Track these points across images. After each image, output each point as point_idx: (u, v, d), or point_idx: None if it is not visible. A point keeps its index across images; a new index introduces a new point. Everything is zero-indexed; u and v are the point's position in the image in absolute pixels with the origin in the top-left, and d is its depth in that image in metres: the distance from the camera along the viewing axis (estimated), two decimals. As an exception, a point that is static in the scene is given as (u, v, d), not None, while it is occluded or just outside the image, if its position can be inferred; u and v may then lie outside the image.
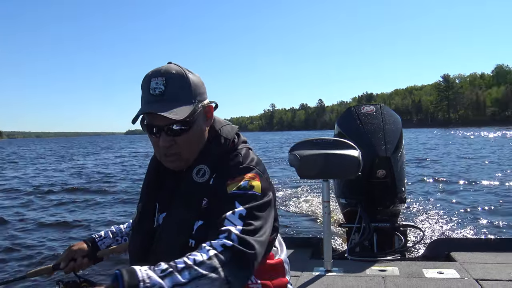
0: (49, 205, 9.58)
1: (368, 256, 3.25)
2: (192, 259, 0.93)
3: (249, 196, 1.11)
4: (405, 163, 3.70)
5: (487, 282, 2.57)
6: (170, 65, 1.18)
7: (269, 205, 1.15)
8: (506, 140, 33.23)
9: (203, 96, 1.21)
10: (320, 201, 3.36)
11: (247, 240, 1.00)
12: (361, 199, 3.47)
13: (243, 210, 1.06)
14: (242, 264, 0.97)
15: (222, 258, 0.94)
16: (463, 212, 7.24)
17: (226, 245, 0.96)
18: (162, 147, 1.17)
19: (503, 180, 10.92)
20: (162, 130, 1.16)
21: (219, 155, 1.22)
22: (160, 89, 1.13)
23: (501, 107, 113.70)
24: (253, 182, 1.14)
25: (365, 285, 2.62)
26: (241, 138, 1.30)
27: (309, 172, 2.91)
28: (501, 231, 6.00)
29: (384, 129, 3.44)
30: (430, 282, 2.60)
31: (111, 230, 1.54)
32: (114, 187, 12.09)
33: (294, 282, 2.69)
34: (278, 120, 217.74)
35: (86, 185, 12.88)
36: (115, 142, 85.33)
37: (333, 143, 2.94)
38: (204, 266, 0.91)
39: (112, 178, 14.53)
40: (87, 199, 10.09)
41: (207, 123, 1.24)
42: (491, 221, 6.57)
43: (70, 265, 1.41)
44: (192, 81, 1.17)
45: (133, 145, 53.74)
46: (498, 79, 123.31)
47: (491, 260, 2.98)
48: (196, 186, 1.18)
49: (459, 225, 6.28)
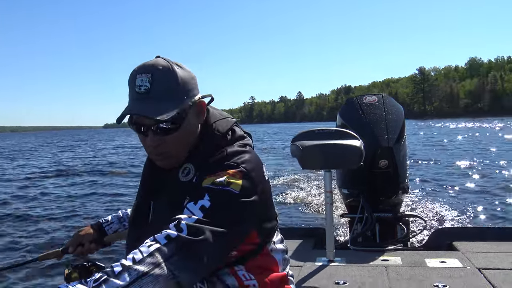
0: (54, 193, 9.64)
1: (370, 246, 3.26)
2: (131, 258, 0.86)
3: (222, 191, 1.01)
4: (407, 153, 3.70)
5: (490, 271, 2.57)
6: (157, 59, 1.11)
7: (246, 207, 1.04)
8: (494, 131, 33.33)
9: (193, 92, 1.14)
10: (323, 191, 3.36)
11: (197, 227, 0.91)
12: (364, 189, 3.47)
13: (208, 202, 0.98)
14: (190, 254, 0.89)
15: (165, 250, 0.87)
16: (466, 201, 7.24)
17: (171, 236, 0.89)
18: (150, 146, 1.13)
19: (507, 169, 10.90)
20: (150, 129, 1.11)
21: (207, 152, 1.15)
22: (146, 87, 1.07)
23: (473, 99, 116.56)
24: (232, 179, 1.04)
25: (368, 274, 2.63)
26: (236, 133, 1.22)
27: (311, 163, 2.90)
28: (504, 221, 6.01)
29: (386, 119, 3.43)
30: (432, 271, 2.61)
31: (118, 215, 1.54)
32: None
33: (296, 273, 2.71)
34: (257, 112, 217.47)
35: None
36: (105, 135, 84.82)
37: (335, 134, 2.93)
38: (144, 264, 0.84)
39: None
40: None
41: (199, 120, 1.18)
42: (494, 210, 6.57)
43: (78, 250, 1.44)
44: (180, 77, 1.10)
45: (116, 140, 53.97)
46: (471, 71, 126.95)
47: (493, 249, 2.98)
48: (180, 185, 1.14)
49: (461, 215, 6.29)
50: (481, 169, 11.18)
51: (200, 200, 0.99)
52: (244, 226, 1.07)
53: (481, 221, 5.90)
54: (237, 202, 1.02)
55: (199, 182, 1.08)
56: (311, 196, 7.99)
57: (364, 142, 2.81)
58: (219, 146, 1.16)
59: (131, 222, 1.29)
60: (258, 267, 1.20)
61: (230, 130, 1.22)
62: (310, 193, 8.28)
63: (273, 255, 1.26)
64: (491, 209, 6.62)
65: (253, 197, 1.07)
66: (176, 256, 0.88)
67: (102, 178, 12.42)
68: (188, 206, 0.99)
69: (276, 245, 1.27)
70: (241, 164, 1.10)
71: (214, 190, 1.02)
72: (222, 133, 1.19)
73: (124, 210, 1.55)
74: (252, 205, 1.07)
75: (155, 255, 0.86)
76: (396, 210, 3.63)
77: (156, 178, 1.25)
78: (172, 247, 0.89)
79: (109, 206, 8.19)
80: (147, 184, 1.28)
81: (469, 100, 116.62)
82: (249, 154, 1.15)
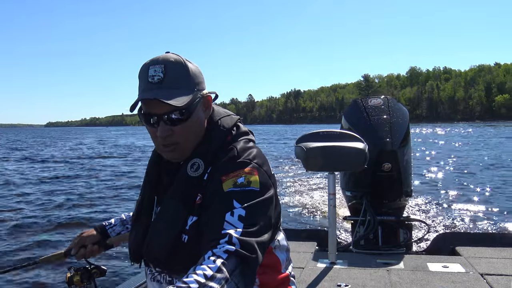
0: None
1: (372, 249, 3.26)
2: (202, 275, 0.89)
3: (247, 192, 1.05)
4: (412, 157, 3.69)
5: (492, 276, 2.56)
6: (168, 54, 1.15)
7: (269, 201, 1.09)
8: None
9: (202, 85, 1.18)
10: (326, 193, 3.36)
11: (248, 242, 0.97)
12: (367, 192, 3.46)
13: (242, 211, 1.02)
14: (247, 268, 0.95)
15: (229, 265, 0.92)
16: (469, 206, 7.21)
17: (230, 251, 0.93)
18: (160, 137, 1.14)
19: (509, 176, 10.85)
20: (161, 120, 1.12)
21: (215, 148, 1.17)
22: (159, 77, 1.10)
23: (412, 106, 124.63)
24: (250, 177, 1.08)
25: (369, 277, 2.63)
26: (240, 129, 1.24)
27: (315, 165, 2.90)
28: (507, 226, 5.98)
29: (390, 122, 3.42)
30: (434, 276, 2.60)
31: (121, 218, 1.54)
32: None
33: (298, 274, 2.71)
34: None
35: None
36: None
37: (339, 136, 2.93)
38: (216, 280, 0.88)
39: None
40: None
41: (205, 114, 1.20)
42: (497, 216, 6.54)
43: (80, 252, 1.43)
44: (191, 69, 1.14)
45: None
46: (411, 80, 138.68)
47: (496, 255, 2.97)
48: (188, 180, 1.15)
49: (464, 220, 6.26)
50: (486, 175, 11.13)
51: (233, 208, 1.03)
52: (272, 220, 1.12)
53: (484, 227, 5.88)
54: (262, 200, 1.07)
55: (214, 182, 1.10)
56: (314, 198, 7.98)
57: (368, 144, 2.81)
58: (226, 141, 1.19)
59: (134, 217, 1.29)
60: (261, 266, 1.21)
61: (235, 126, 1.24)
62: (313, 195, 8.28)
63: (277, 254, 1.26)
64: (494, 215, 6.59)
65: (271, 190, 1.11)
66: (237, 269, 0.93)
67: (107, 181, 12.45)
68: (227, 219, 1.01)
69: (280, 243, 1.28)
70: (253, 160, 1.13)
71: (240, 193, 1.05)
72: (227, 128, 1.21)
73: (127, 214, 1.55)
74: (272, 199, 1.11)
75: (223, 270, 0.90)
76: (399, 213, 3.62)
77: (162, 174, 1.25)
78: (234, 261, 0.93)
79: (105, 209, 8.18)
80: (152, 180, 1.28)
81: (409, 107, 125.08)
82: (256, 149, 1.18)
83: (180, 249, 1.11)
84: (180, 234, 1.12)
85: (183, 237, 1.11)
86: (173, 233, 1.12)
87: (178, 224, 1.12)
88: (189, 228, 1.11)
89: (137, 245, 1.21)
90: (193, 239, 1.10)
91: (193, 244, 1.10)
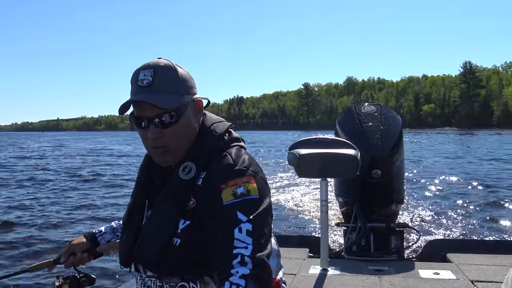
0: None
1: (364, 255, 3.27)
2: None
3: (248, 202, 1.08)
4: (404, 164, 3.71)
5: (483, 283, 2.58)
6: (159, 59, 1.18)
7: (269, 209, 1.12)
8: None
9: (192, 90, 1.20)
10: (318, 198, 3.37)
11: (260, 258, 1.01)
12: (357, 198, 3.47)
13: (249, 225, 1.04)
14: (263, 284, 0.99)
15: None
16: (460, 213, 7.26)
17: (245, 274, 0.97)
18: (150, 139, 1.15)
19: (500, 181, 10.96)
20: (151, 123, 1.14)
21: (208, 153, 1.19)
22: (148, 80, 1.13)
23: None
24: (249, 185, 1.10)
25: (361, 284, 2.64)
26: (232, 135, 1.26)
27: (307, 171, 2.92)
28: (497, 233, 6.03)
29: (382, 129, 3.45)
30: (425, 283, 2.61)
31: (112, 226, 1.53)
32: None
33: (290, 280, 2.71)
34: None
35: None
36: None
37: (332, 142, 2.95)
38: None
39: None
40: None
41: (197, 118, 1.22)
42: (487, 223, 6.60)
43: (70, 260, 1.41)
44: (181, 74, 1.17)
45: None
46: (348, 89, 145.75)
47: (486, 261, 2.99)
48: (180, 183, 1.16)
49: (455, 227, 6.30)
50: (479, 181, 11.23)
51: (241, 224, 1.04)
52: (271, 227, 1.14)
53: (475, 233, 5.92)
54: (263, 209, 1.09)
55: (212, 191, 1.11)
56: (307, 204, 7.99)
57: (360, 151, 2.83)
58: (218, 147, 1.20)
59: (125, 221, 1.29)
60: None
61: (227, 132, 1.26)
62: (306, 201, 8.28)
63: None
64: (485, 222, 6.64)
65: (268, 197, 1.14)
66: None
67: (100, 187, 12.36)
68: (236, 236, 1.03)
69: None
70: (249, 167, 1.15)
71: (242, 204, 1.07)
72: (219, 134, 1.23)
73: (117, 222, 1.54)
74: (270, 205, 1.14)
75: None
76: (390, 220, 3.63)
77: (153, 177, 1.26)
78: (251, 283, 0.96)
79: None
80: (144, 183, 1.28)
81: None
82: (248, 156, 1.20)
83: (171, 252, 1.11)
84: (171, 237, 1.12)
85: (175, 240, 1.11)
86: (164, 234, 1.12)
87: (170, 226, 1.12)
88: (180, 231, 1.12)
89: (128, 248, 1.21)
90: (185, 243, 1.11)
91: (185, 248, 1.10)
